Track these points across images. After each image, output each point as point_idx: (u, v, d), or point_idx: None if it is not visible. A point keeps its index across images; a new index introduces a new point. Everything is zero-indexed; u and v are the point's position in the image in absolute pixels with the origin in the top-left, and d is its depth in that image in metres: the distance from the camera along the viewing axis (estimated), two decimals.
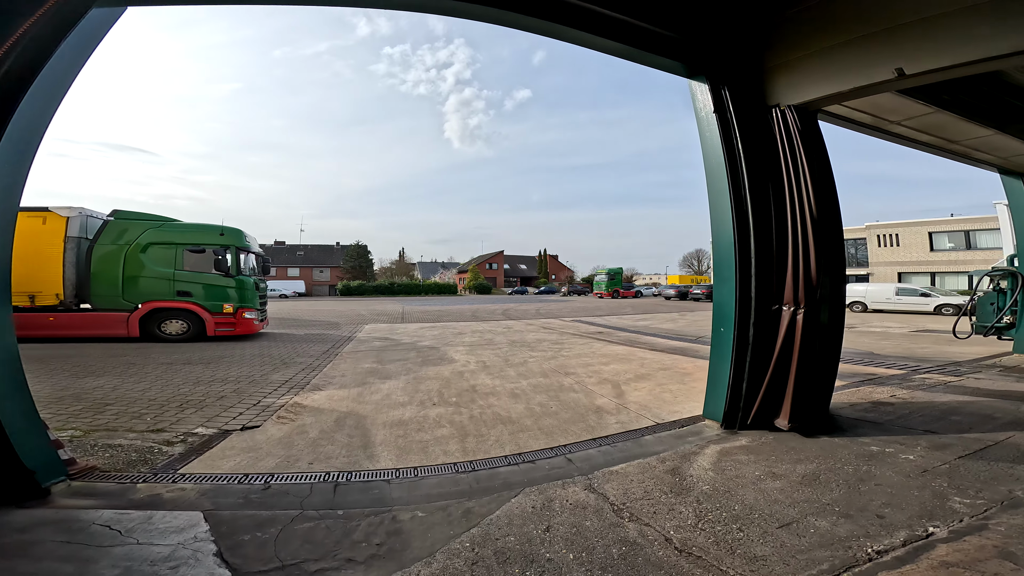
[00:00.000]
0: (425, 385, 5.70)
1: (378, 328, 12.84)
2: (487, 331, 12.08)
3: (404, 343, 9.63)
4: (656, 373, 6.33)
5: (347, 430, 3.99)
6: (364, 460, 3.35)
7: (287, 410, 4.56)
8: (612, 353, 8.20)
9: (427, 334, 11.23)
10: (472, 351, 8.46)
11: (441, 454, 3.50)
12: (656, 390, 5.35)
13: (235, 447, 3.56)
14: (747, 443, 3.55)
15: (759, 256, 3.47)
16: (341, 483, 2.98)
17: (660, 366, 6.85)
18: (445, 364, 7.16)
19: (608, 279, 42.35)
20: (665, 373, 6.33)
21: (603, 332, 11.79)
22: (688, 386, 5.52)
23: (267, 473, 3.10)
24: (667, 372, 6.40)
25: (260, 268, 11.26)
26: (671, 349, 8.62)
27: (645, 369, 6.62)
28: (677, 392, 5.24)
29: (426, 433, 3.93)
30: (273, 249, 57.38)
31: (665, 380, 5.88)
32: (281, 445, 3.62)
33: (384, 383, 5.81)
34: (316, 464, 3.27)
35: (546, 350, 8.54)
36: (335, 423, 4.17)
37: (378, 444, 3.67)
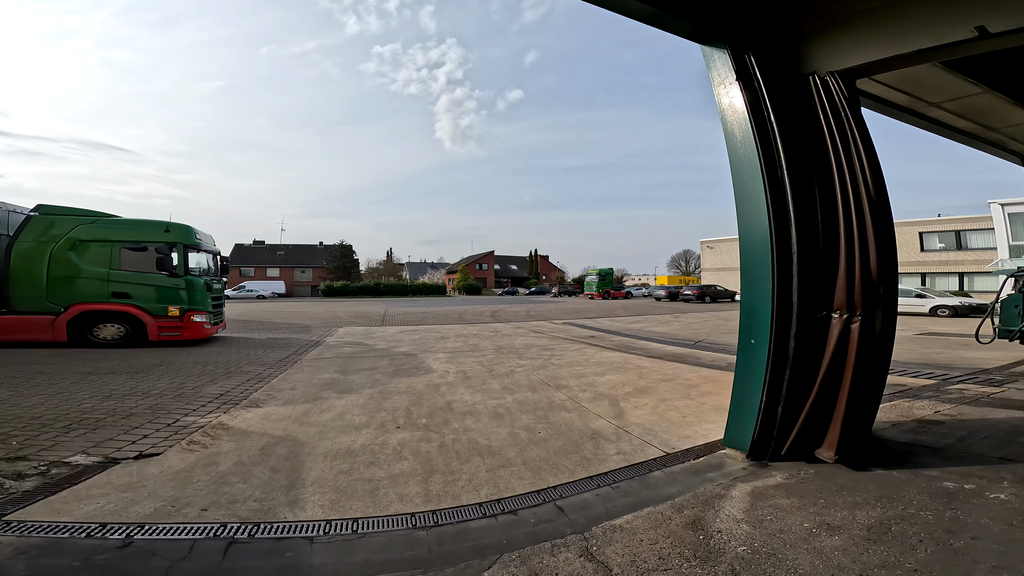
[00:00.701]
0: (392, 401, 4.88)
1: (353, 332, 11.92)
2: (472, 335, 11.27)
3: (378, 349, 8.76)
4: (658, 386, 5.61)
5: (273, 462, 3.16)
6: (283, 507, 2.55)
7: (205, 433, 3.70)
8: (607, 361, 7.47)
9: (406, 339, 10.37)
10: (453, 359, 7.65)
11: (395, 499, 2.71)
12: (660, 407, 4.62)
13: (110, 483, 2.72)
14: (784, 480, 2.84)
15: (802, 251, 2.76)
16: (239, 540, 2.20)
17: (661, 376, 6.14)
18: (420, 375, 6.33)
19: (599, 280, 41.84)
20: (668, 386, 5.61)
21: (595, 336, 11.09)
22: (697, 402, 4.81)
23: (136, 523, 2.29)
24: (670, 384, 5.68)
25: (218, 268, 10.28)
26: (670, 356, 7.94)
27: (645, 380, 5.90)
28: (685, 410, 4.52)
29: (380, 468, 3.12)
30: (252, 249, 55.54)
31: (669, 394, 5.16)
32: (175, 481, 2.79)
33: (341, 398, 4.97)
34: (212, 510, 2.47)
35: (535, 357, 7.78)
36: (260, 452, 3.34)
37: (310, 483, 2.86)
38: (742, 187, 3.06)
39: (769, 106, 3.04)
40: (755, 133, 3.00)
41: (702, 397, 5.00)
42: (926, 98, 4.45)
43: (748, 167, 3.02)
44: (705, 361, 7.33)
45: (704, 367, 6.81)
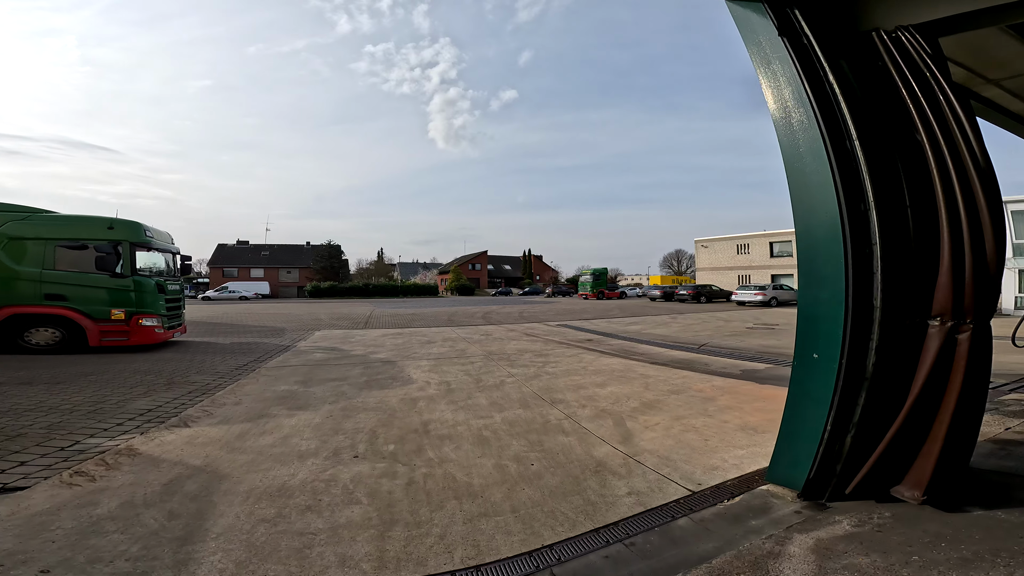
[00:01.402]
0: (355, 421, 4.12)
1: (330, 336, 11.08)
2: (461, 339, 10.51)
3: (353, 355, 7.96)
4: (667, 399, 4.92)
5: (175, 502, 2.43)
6: (164, 570, 1.87)
7: (102, 461, 2.94)
8: (607, 368, 6.77)
9: (387, 343, 9.58)
10: (437, 367, 6.89)
11: (334, 564, 2.03)
12: (675, 428, 3.93)
13: None
14: (855, 529, 2.19)
15: (886, 242, 2.07)
16: None
17: (670, 387, 5.45)
18: (396, 386, 5.57)
19: (593, 280, 41.25)
20: (679, 399, 4.92)
21: (592, 339, 10.40)
22: (717, 420, 4.13)
23: None
24: (681, 397, 4.99)
25: (180, 268, 9.43)
26: (675, 362, 7.27)
27: (652, 393, 5.20)
28: (705, 431, 3.83)
29: (320, 516, 2.41)
30: (235, 249, 54.09)
31: (682, 410, 4.47)
32: (24, 528, 2.16)
33: (292, 416, 4.20)
34: (57, 573, 1.74)
35: (528, 365, 7.05)
36: (164, 488, 2.60)
37: (215, 535, 2.16)
38: (798, 167, 2.40)
39: (827, 67, 2.41)
40: (812, 101, 2.35)
41: (722, 414, 4.32)
42: (987, 74, 3.80)
43: (805, 142, 2.36)
44: (715, 368, 6.67)
45: (716, 375, 6.14)
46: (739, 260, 34.90)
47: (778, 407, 4.38)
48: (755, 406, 4.59)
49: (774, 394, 5.00)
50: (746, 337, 10.52)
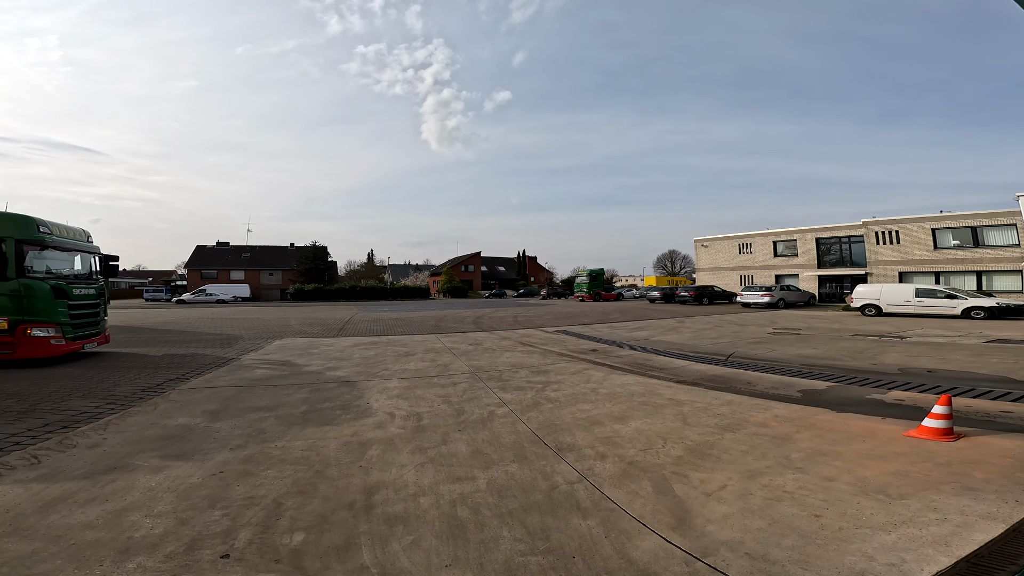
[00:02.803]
0: (253, 483, 2.77)
1: (290, 346, 9.60)
2: (446, 350, 9.12)
3: (305, 373, 6.53)
4: (722, 440, 3.60)
5: None
6: None
7: None
8: (623, 391, 5.44)
9: (356, 356, 8.15)
10: (409, 390, 5.51)
11: None
12: (755, 493, 2.61)
13: None
14: None
15: None
16: None
17: (717, 420, 4.13)
18: (344, 421, 4.19)
19: (589, 281, 39.91)
20: (738, 440, 3.60)
21: (598, 350, 9.06)
22: (814, 476, 2.81)
23: None
24: (740, 436, 3.67)
25: (102, 269, 7.97)
26: (708, 380, 5.95)
27: (696, 430, 3.87)
28: (805, 497, 2.52)
29: None
30: (214, 251, 51.96)
31: (752, 459, 3.15)
32: None
33: (161, 471, 2.87)
34: None
35: (524, 387, 5.69)
36: None
37: None
38: None
39: None
40: None
41: (816, 465, 3.00)
42: None
43: None
44: (764, 388, 5.37)
45: (771, 399, 4.84)
46: (741, 260, 33.87)
47: (901, 451, 3.02)
48: (857, 450, 3.29)
49: (875, 429, 3.71)
50: (774, 344, 9.27)
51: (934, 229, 22.44)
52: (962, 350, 8.32)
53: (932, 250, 22.39)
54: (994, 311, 14.65)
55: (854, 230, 26.31)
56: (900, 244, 23.58)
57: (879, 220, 24.70)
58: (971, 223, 21.37)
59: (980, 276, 20.94)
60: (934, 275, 22.17)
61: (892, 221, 24.15)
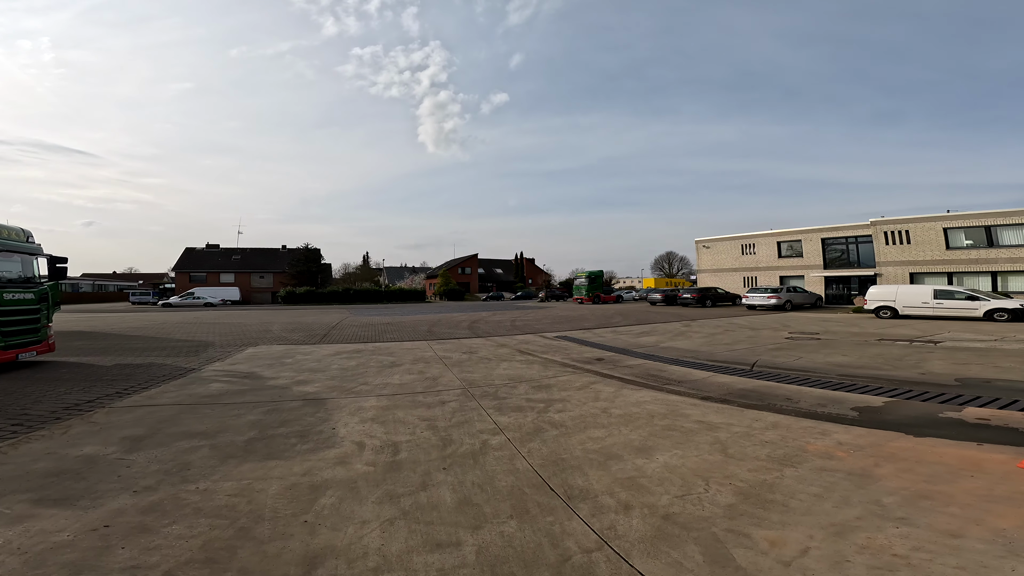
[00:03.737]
0: (130, 551, 2.03)
1: (263, 353, 8.73)
2: (436, 360, 8.30)
3: (268, 387, 5.68)
4: (782, 478, 2.80)
5: None
6: None
7: None
8: (640, 410, 4.63)
9: (333, 367, 7.30)
10: (388, 411, 4.69)
11: None
12: (852, 555, 1.78)
13: None
14: None
15: None
16: None
17: (767, 451, 3.33)
18: (296, 454, 3.37)
19: (588, 283, 39.12)
20: (801, 476, 2.80)
21: (604, 358, 8.26)
22: (927, 531, 2.02)
23: None
24: (804, 472, 2.86)
25: (51, 272, 7.20)
26: (736, 395, 5.15)
27: (743, 465, 3.07)
28: (927, 563, 1.69)
29: None
30: (204, 253, 50.92)
31: (832, 507, 2.35)
32: None
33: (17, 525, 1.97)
34: None
35: (524, 407, 4.88)
36: None
37: None
38: None
39: None
40: None
41: (921, 509, 2.20)
42: None
43: None
44: (809, 405, 4.57)
45: (823, 420, 4.05)
46: (744, 261, 33.22)
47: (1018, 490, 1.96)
48: (968, 489, 2.51)
49: (977, 459, 2.92)
50: (798, 351, 8.50)
51: (946, 229, 21.81)
52: (1012, 356, 7.57)
53: (944, 250, 21.76)
54: (1018, 313, 13.96)
55: (862, 230, 25.68)
56: (911, 244, 22.94)
57: (888, 220, 24.08)
58: (985, 222, 20.75)
59: (995, 276, 20.30)
60: (947, 276, 21.52)
61: (902, 221, 23.53)
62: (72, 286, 59.95)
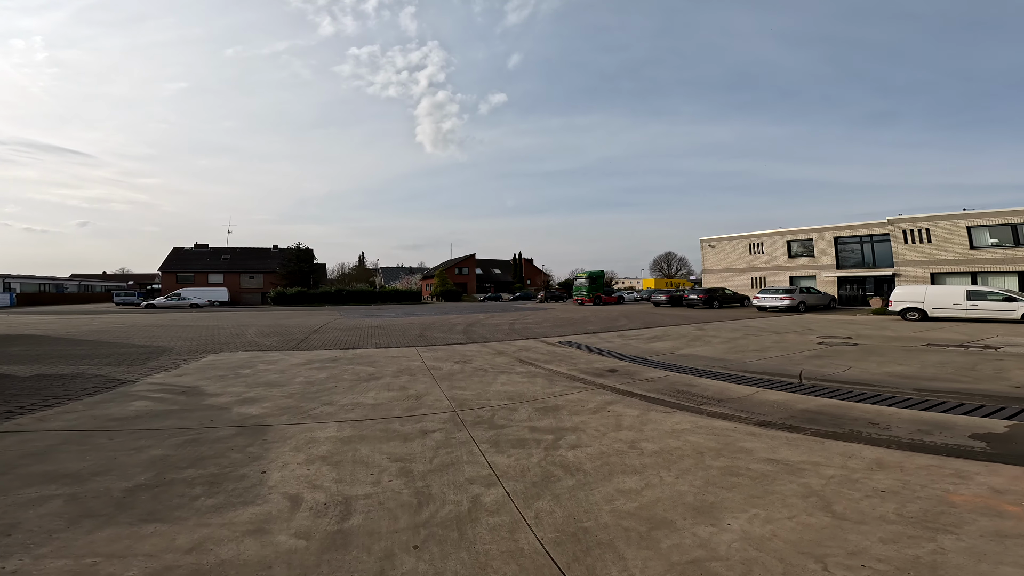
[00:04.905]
0: None
1: (221, 363, 7.59)
2: (423, 371, 7.22)
3: (203, 408, 4.55)
4: (944, 558, 1.70)
5: None
6: None
7: None
8: (680, 444, 3.56)
9: (298, 380, 6.20)
10: (348, 446, 3.61)
11: None
12: None
13: None
14: None
15: None
16: None
17: (895, 508, 2.25)
18: (188, 518, 2.26)
19: (589, 284, 38.05)
20: (973, 550, 1.70)
21: (617, 369, 7.19)
22: None
23: None
24: (970, 542, 1.77)
25: None
26: (800, 418, 4.08)
27: (869, 536, 1.99)
28: None
29: None
30: (192, 253, 49.69)
31: None
32: None
33: None
34: None
35: (526, 439, 3.80)
36: None
37: None
38: None
39: None
40: None
41: None
42: None
43: None
44: (906, 432, 3.50)
45: (945, 455, 2.98)
46: (752, 261, 32.24)
47: None
48: None
49: None
50: (841, 359, 7.43)
51: (969, 227, 20.87)
52: None
53: (968, 249, 20.81)
54: None
55: (878, 228, 24.73)
56: (932, 243, 21.99)
57: (907, 218, 23.14)
58: (1011, 220, 19.81)
59: (1022, 277, 19.35)
60: (970, 276, 20.58)
61: (922, 219, 22.59)
62: (57, 287, 58.57)
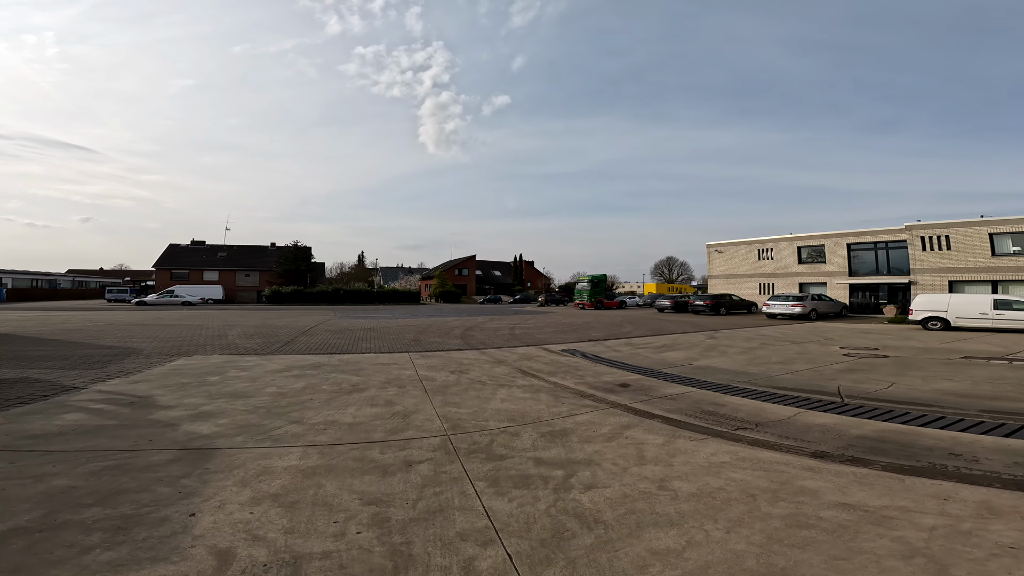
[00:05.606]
0: None
1: (188, 368, 6.93)
2: (414, 382, 6.57)
3: (147, 424, 3.87)
4: None
5: None
6: None
7: None
8: (723, 481, 2.89)
9: (268, 390, 5.55)
10: (307, 481, 2.96)
11: None
12: None
13: None
14: None
15: None
16: None
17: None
18: None
19: (591, 287, 37.38)
20: None
21: (630, 384, 6.54)
22: None
23: None
24: None
25: None
26: (861, 447, 3.42)
27: None
28: None
29: None
30: (188, 250, 49.13)
31: None
32: None
33: None
34: None
35: (531, 476, 3.15)
36: None
37: None
38: None
39: None
40: None
41: None
42: None
43: None
44: (1004, 466, 2.83)
45: None
46: (761, 266, 31.58)
47: None
48: None
49: None
50: (880, 374, 6.77)
51: (992, 234, 20.20)
52: None
53: (990, 257, 20.14)
54: None
55: (894, 235, 24.07)
56: (951, 250, 21.33)
57: (926, 224, 22.49)
58: None
59: None
60: (991, 284, 19.90)
61: (941, 225, 21.93)
62: (50, 282, 58.04)
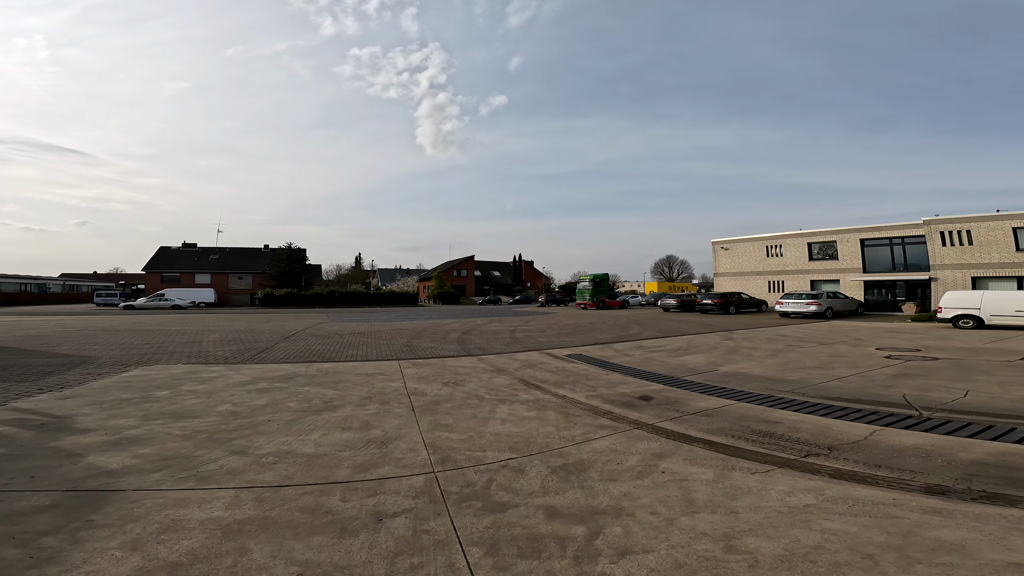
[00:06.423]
0: None
1: (139, 380, 6.03)
2: (401, 397, 5.69)
3: (32, 457, 2.99)
4: None
5: None
6: None
7: None
8: (821, 539, 2.00)
9: (220, 407, 4.66)
10: (230, 540, 2.06)
11: None
12: None
13: None
14: None
15: None
16: None
17: None
18: None
19: (592, 287, 36.51)
20: None
21: (651, 396, 5.66)
22: None
23: None
24: None
25: None
26: (987, 477, 2.55)
27: None
28: None
29: None
30: (179, 253, 48.23)
31: None
32: None
33: None
34: None
35: (543, 539, 2.25)
36: None
37: None
38: None
39: None
40: None
41: None
42: None
43: None
44: None
45: None
46: (770, 264, 30.73)
47: None
48: None
49: None
50: (943, 380, 5.89)
51: (1015, 228, 19.34)
52: None
53: (1014, 252, 19.28)
54: None
55: (911, 230, 23.21)
56: (973, 246, 20.47)
57: (945, 219, 21.64)
58: None
59: None
60: (1016, 280, 19.05)
61: (962, 220, 21.08)
62: (40, 286, 57.17)
